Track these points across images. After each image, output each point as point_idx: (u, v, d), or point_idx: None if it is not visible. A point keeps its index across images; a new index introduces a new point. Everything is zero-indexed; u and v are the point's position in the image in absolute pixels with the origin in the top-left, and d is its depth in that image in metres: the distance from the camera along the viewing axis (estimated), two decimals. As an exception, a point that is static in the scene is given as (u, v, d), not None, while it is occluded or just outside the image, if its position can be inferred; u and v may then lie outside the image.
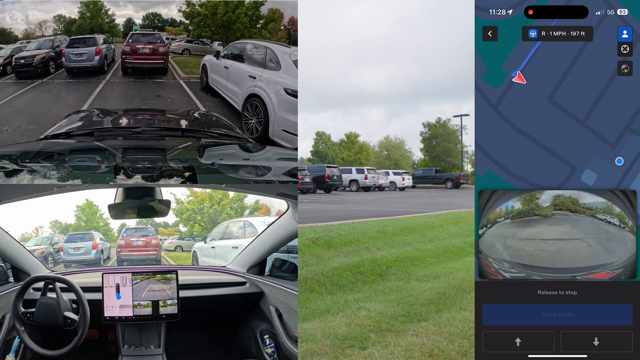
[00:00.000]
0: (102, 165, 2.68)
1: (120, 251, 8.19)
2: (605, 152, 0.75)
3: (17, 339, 2.91)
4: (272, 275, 3.58)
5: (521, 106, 0.84)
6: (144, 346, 3.12)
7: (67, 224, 9.34)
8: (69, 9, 10.38)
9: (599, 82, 0.79)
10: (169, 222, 8.89)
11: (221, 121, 4.19)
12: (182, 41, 10.31)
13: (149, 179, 2.45)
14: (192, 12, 9.76)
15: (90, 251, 8.49)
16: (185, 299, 3.12)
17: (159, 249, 8.21)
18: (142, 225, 8.37)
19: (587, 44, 0.84)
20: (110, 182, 2.39)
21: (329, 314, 4.36)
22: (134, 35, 8.63)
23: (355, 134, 54.23)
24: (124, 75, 8.30)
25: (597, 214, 0.80)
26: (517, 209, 0.82)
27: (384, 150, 55.65)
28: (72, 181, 2.36)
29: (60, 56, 8.68)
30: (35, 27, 10.03)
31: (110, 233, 9.31)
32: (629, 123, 0.72)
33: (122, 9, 11.02)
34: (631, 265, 0.82)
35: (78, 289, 2.76)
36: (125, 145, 3.05)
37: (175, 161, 2.78)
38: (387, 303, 4.75)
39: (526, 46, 0.86)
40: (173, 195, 8.49)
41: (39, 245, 8.46)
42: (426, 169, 37.93)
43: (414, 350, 3.31)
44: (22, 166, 2.55)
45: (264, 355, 3.17)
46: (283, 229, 3.34)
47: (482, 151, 0.85)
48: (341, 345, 3.43)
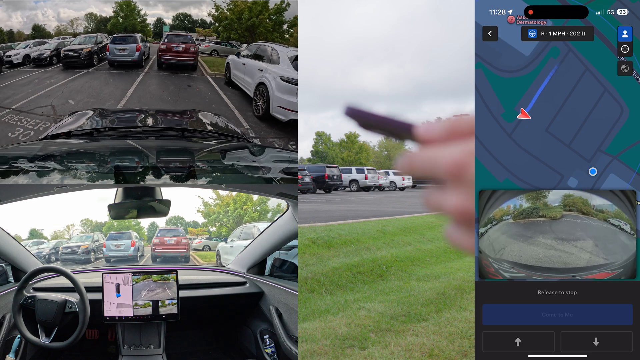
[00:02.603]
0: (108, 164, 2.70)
1: (155, 249, 9.02)
2: (583, 165, 0.85)
3: (17, 338, 2.91)
4: (272, 275, 3.58)
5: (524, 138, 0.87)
6: (144, 346, 3.11)
7: (97, 222, 10.57)
8: (99, 7, 11.13)
9: (589, 101, 0.83)
10: (198, 222, 9.83)
11: (228, 126, 4.20)
12: (211, 42, 11.22)
13: (179, 179, 2.52)
14: (220, 16, 10.58)
15: (129, 248, 9.55)
16: (185, 299, 3.12)
17: (188, 248, 8.90)
18: (174, 226, 9.29)
19: (588, 44, 0.84)
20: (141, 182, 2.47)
21: (329, 314, 4.36)
22: (169, 36, 10.03)
23: (355, 134, 54.25)
24: (159, 69, 9.64)
25: (609, 218, 0.81)
26: (521, 208, 0.81)
27: (384, 150, 55.67)
28: (102, 181, 2.38)
29: (102, 50, 10.08)
30: (67, 24, 10.90)
31: (141, 232, 10.50)
32: (600, 145, 0.85)
33: (152, 9, 11.72)
34: (631, 265, 0.82)
35: (76, 280, 2.76)
36: (153, 146, 3.09)
37: (203, 162, 2.84)
38: (387, 303, 4.74)
39: (527, 45, 0.85)
40: (201, 198, 9.78)
41: (82, 242, 9.82)
42: (426, 169, 37.82)
43: (414, 350, 3.31)
44: (22, 166, 2.56)
45: (264, 355, 3.17)
46: (283, 229, 3.34)
47: (483, 151, 0.85)
48: (341, 345, 3.43)
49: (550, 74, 0.83)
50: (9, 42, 10.26)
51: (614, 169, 0.85)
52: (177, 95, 8.27)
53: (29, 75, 9.22)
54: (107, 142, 3.14)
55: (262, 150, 3.37)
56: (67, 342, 2.69)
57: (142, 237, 10.21)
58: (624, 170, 0.85)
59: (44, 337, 2.72)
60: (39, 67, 9.76)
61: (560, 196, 0.87)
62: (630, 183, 0.85)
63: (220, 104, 7.77)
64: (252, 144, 3.74)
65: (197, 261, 8.71)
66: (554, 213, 0.86)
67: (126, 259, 9.38)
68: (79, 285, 2.77)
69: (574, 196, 0.86)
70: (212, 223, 9.30)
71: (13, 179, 2.38)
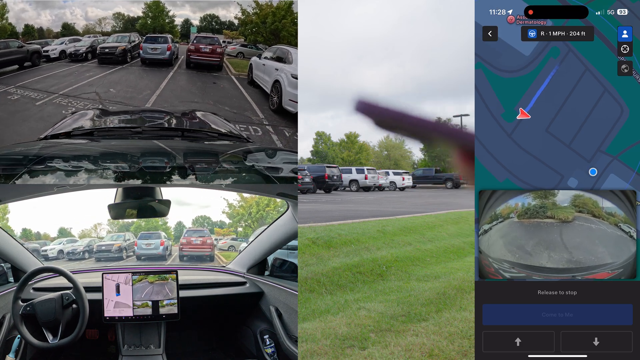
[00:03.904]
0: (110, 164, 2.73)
1: (182, 248, 9.55)
2: (583, 165, 0.84)
3: (17, 338, 2.91)
4: (272, 275, 3.58)
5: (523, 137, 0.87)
6: (144, 346, 3.11)
7: (125, 221, 10.99)
8: (126, 7, 11.89)
9: (589, 101, 0.82)
10: (225, 222, 10.23)
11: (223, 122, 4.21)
12: (238, 45, 12.00)
13: (204, 179, 2.56)
14: (246, 20, 11.21)
15: (159, 247, 10.24)
16: (185, 299, 3.12)
17: (212, 247, 9.34)
18: (200, 227, 9.80)
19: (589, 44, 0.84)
20: (168, 182, 2.51)
21: (329, 314, 4.36)
22: (197, 37, 11.04)
23: (355, 134, 54.24)
24: (187, 68, 10.62)
25: (619, 223, 0.80)
26: (529, 206, 0.81)
27: (384, 150, 55.67)
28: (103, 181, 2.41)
29: (134, 49, 11.10)
30: (95, 23, 11.69)
31: (168, 232, 11.12)
32: (600, 145, 0.84)
33: (180, 9, 12.41)
34: (631, 265, 0.82)
35: (74, 279, 2.76)
36: (181, 147, 3.14)
37: (228, 162, 2.90)
38: (387, 303, 4.75)
39: (527, 45, 0.85)
40: (225, 200, 10.26)
41: (115, 241, 10.59)
42: (426, 169, 37.90)
43: (414, 350, 3.31)
44: (57, 166, 2.59)
45: (264, 355, 3.17)
46: (283, 229, 3.34)
47: (483, 151, 0.85)
48: (341, 345, 3.43)
49: (551, 74, 0.83)
50: (39, 39, 11.27)
51: (614, 169, 0.85)
52: (203, 90, 9.16)
53: (67, 68, 10.28)
54: (136, 142, 3.17)
55: (274, 153, 3.39)
56: (67, 340, 2.69)
57: (169, 237, 10.77)
58: (624, 170, 0.85)
59: (52, 338, 2.72)
60: (74, 61, 10.76)
61: (570, 196, 0.86)
62: (630, 183, 0.85)
63: (241, 99, 8.74)
64: (252, 144, 3.74)
65: (222, 260, 9.10)
66: (564, 214, 0.85)
67: (156, 257, 10.04)
68: (78, 285, 2.77)
69: (584, 197, 0.85)
70: (237, 224, 9.64)
71: (41, 178, 2.41)
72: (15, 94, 8.16)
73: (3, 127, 6.62)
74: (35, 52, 10.52)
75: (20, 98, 7.97)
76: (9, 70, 9.65)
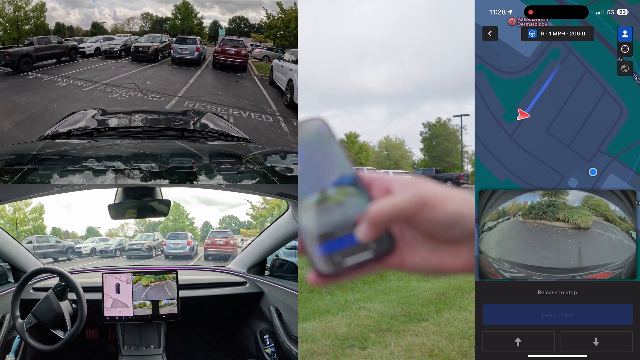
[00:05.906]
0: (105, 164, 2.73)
1: (207, 248, 10.03)
2: (583, 165, 0.85)
3: (17, 338, 2.91)
4: (272, 275, 3.58)
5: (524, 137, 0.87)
6: (144, 346, 3.12)
7: (152, 221, 11.85)
8: (155, 7, 12.53)
9: (589, 102, 0.82)
10: (252, 222, 10.81)
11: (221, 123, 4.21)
12: (264, 49, 12.63)
13: (231, 179, 2.60)
14: (271, 24, 11.82)
15: (186, 247, 10.84)
16: (185, 299, 3.12)
17: (235, 247, 9.72)
18: (224, 228, 10.42)
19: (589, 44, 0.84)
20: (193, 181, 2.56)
21: (329, 314, 4.36)
22: (224, 40, 11.97)
23: (355, 134, 54.24)
24: (213, 68, 11.52)
25: (630, 230, 0.79)
26: (534, 204, 0.80)
27: (384, 150, 55.66)
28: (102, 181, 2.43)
29: (165, 48, 12.11)
30: (123, 22, 12.93)
31: (195, 232, 11.80)
32: (599, 145, 0.84)
33: (209, 10, 13.00)
34: (631, 265, 0.82)
35: (72, 279, 2.76)
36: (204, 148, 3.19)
37: (252, 163, 2.97)
38: (387, 303, 4.75)
39: (527, 46, 0.86)
40: (249, 202, 10.63)
41: (144, 241, 11.24)
42: (426, 169, 37.90)
43: (414, 350, 3.31)
44: (90, 165, 2.61)
45: (264, 355, 3.17)
46: (283, 229, 3.34)
47: (483, 151, 0.85)
48: (341, 345, 3.43)
49: (551, 75, 0.83)
50: (70, 37, 12.17)
51: (614, 169, 0.85)
52: (227, 87, 10.17)
53: (104, 63, 11.29)
54: (157, 143, 3.20)
55: (285, 155, 3.42)
56: (66, 339, 2.68)
57: (196, 237, 11.34)
58: (624, 170, 0.85)
59: (62, 334, 2.72)
60: (109, 58, 11.69)
61: (581, 197, 0.86)
62: (630, 183, 0.85)
63: (260, 95, 9.69)
64: (252, 144, 3.74)
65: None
66: (583, 219, 0.83)
67: (183, 256, 10.73)
68: (76, 285, 2.77)
69: (595, 197, 0.85)
70: (261, 226, 10.06)
71: (69, 178, 2.44)
72: (62, 82, 9.09)
73: (59, 104, 7.44)
74: (73, 48, 11.47)
75: (67, 85, 8.91)
76: (47, 64, 10.63)
